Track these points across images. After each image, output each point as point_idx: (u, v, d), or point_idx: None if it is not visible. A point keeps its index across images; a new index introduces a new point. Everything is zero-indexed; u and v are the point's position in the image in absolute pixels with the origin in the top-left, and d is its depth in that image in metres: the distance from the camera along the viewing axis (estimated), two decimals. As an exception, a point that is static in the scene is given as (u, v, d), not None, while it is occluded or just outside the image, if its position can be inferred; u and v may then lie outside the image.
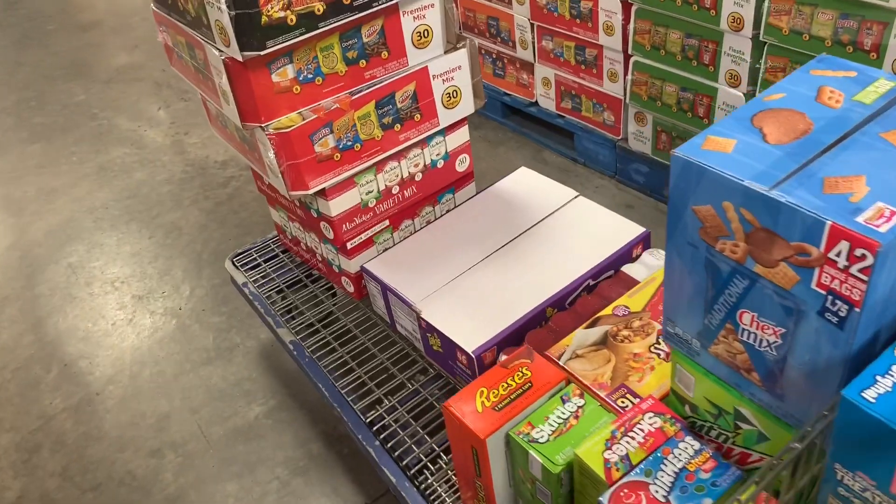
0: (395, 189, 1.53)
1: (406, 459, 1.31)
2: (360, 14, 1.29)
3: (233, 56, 1.21)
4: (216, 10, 1.16)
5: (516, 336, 1.31)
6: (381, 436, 1.35)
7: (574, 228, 1.51)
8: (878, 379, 0.63)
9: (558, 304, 1.36)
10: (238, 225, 2.50)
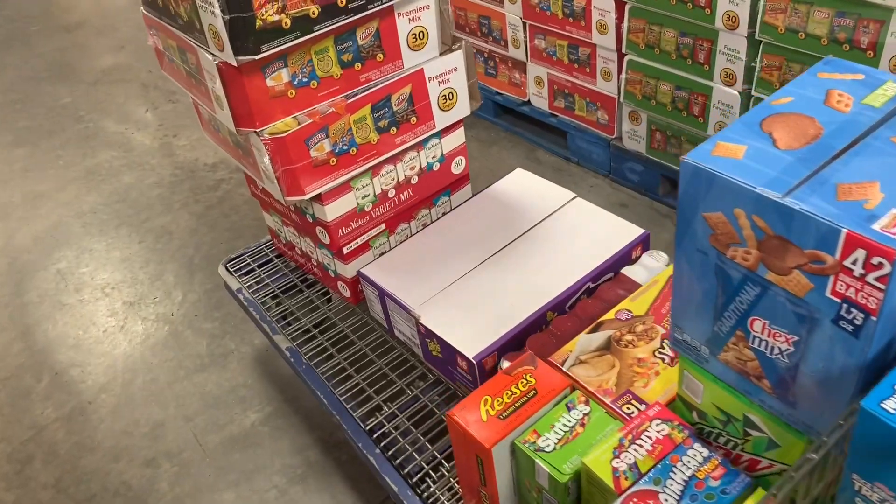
0: (391, 193, 1.51)
1: (407, 467, 1.29)
2: (356, 17, 1.27)
3: (227, 61, 1.19)
4: (210, 14, 1.14)
5: (517, 341, 1.30)
6: (381, 443, 1.34)
7: (572, 230, 1.50)
8: (898, 389, 0.63)
9: (558, 308, 1.35)
10: (229, 228, 2.47)
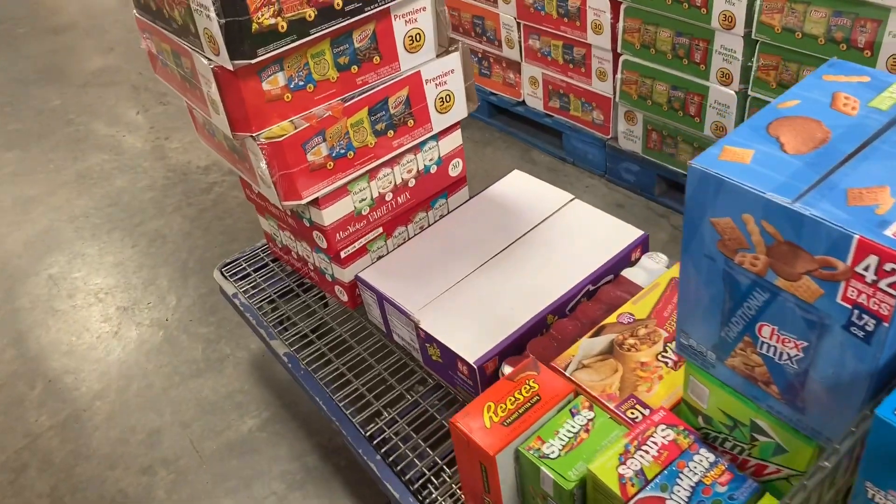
0: (388, 196, 1.50)
1: (409, 473, 1.28)
2: (352, 19, 1.25)
3: (222, 65, 1.17)
4: (205, 17, 1.12)
5: (517, 345, 1.29)
6: (381, 449, 1.33)
7: (571, 232, 1.49)
8: (912, 397, 0.62)
9: (559, 311, 1.35)
10: (223, 232, 2.46)
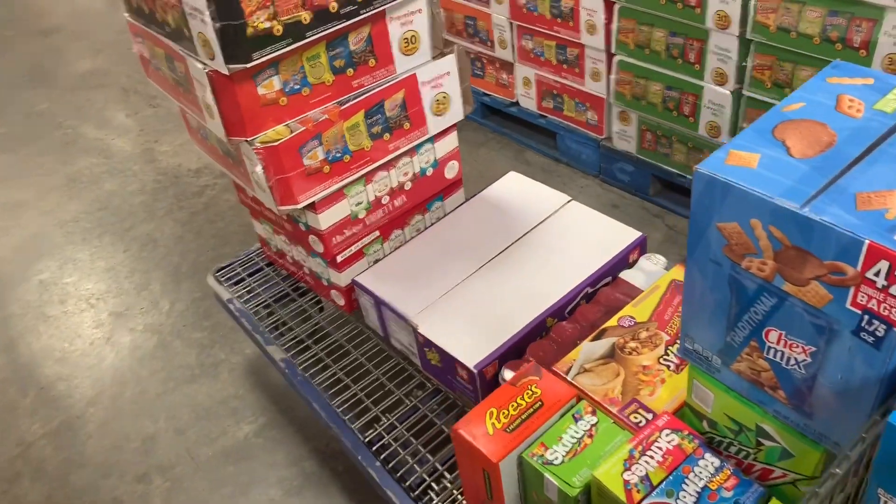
0: (384, 199, 1.49)
1: (409, 480, 1.27)
2: (348, 22, 1.24)
3: (217, 69, 1.16)
4: (199, 21, 1.10)
5: (517, 348, 1.28)
6: (381, 455, 1.32)
7: (569, 234, 1.48)
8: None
9: (558, 314, 1.34)
10: (215, 235, 2.43)
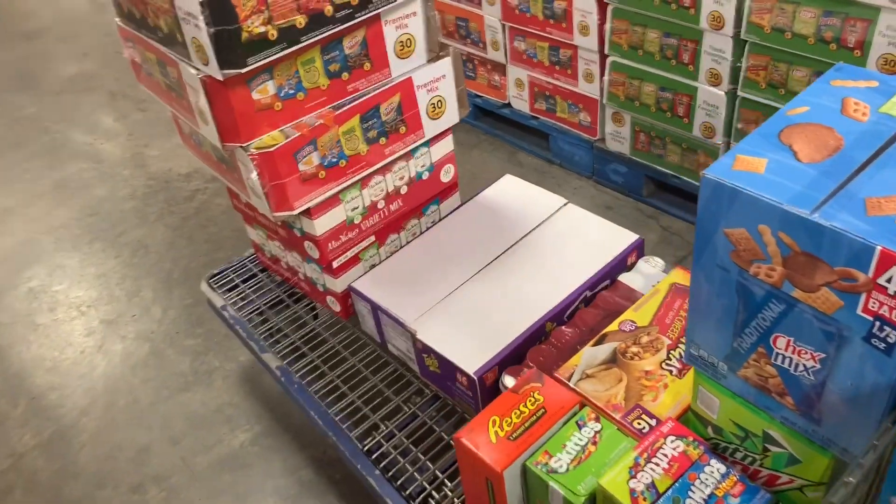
0: (380, 204, 1.47)
1: (409, 488, 1.26)
2: (343, 26, 1.23)
3: (212, 75, 1.14)
4: (193, 27, 1.09)
5: (517, 354, 1.27)
6: (380, 464, 1.30)
7: (566, 238, 1.47)
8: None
9: (557, 318, 1.33)
10: (208, 240, 2.41)
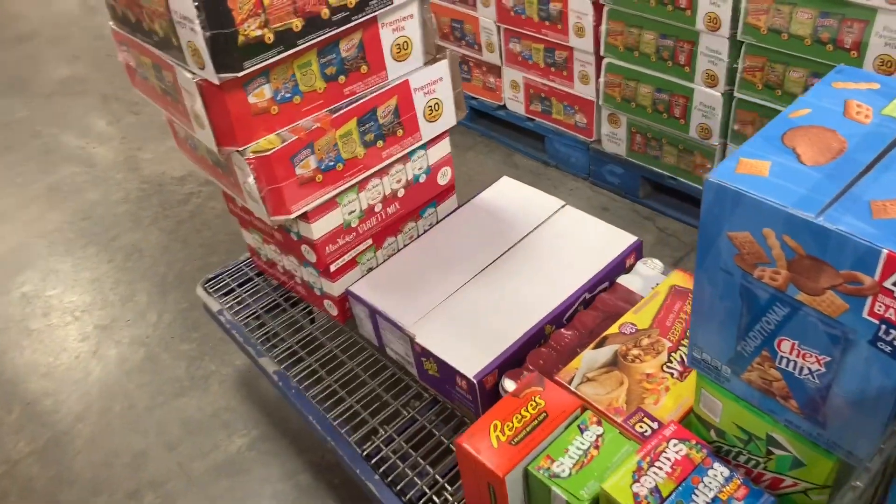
0: (377, 207, 1.46)
1: (409, 493, 1.25)
2: (340, 28, 1.22)
3: (208, 78, 1.13)
4: (189, 30, 1.08)
5: (516, 357, 1.27)
6: (379, 469, 1.29)
7: (564, 240, 1.47)
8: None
9: (556, 321, 1.33)
10: (202, 244, 2.40)
